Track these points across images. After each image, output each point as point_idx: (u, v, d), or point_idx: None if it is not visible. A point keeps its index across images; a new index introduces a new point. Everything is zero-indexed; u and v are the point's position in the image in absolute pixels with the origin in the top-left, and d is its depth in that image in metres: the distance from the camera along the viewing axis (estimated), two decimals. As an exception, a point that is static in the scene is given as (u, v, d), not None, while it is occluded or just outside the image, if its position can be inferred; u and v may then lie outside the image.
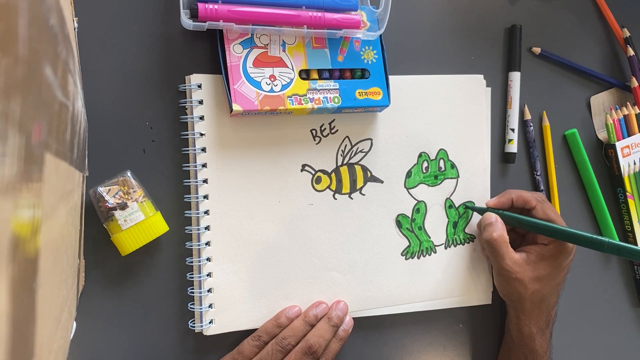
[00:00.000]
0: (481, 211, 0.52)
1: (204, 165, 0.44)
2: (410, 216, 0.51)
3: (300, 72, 0.44)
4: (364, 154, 0.49)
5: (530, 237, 0.51)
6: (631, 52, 0.59)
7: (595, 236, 0.46)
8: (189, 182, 0.44)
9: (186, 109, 0.44)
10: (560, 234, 0.47)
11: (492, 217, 0.50)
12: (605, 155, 0.60)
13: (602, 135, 0.60)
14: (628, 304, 0.61)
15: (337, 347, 0.45)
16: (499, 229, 0.49)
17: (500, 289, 0.51)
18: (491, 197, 0.54)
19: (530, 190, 0.55)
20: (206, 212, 0.44)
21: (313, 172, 0.47)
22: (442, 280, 0.52)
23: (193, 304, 0.44)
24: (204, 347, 0.44)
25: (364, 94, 0.46)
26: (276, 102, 0.43)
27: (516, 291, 0.48)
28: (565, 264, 0.49)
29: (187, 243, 0.44)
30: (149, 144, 0.43)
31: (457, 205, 0.53)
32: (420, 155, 0.51)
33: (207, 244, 0.44)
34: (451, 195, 0.53)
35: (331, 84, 0.45)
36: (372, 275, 0.49)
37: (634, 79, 0.59)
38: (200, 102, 0.43)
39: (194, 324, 0.44)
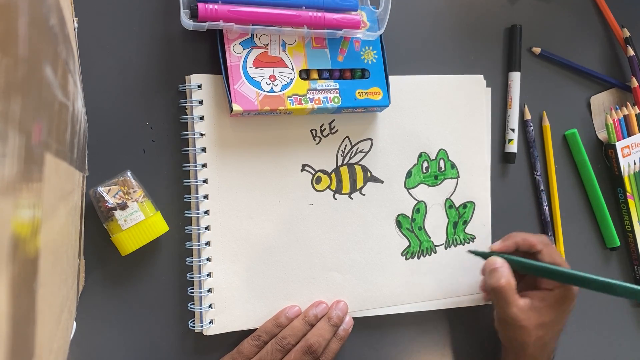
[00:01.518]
0: (485, 256, 0.49)
1: (204, 165, 0.44)
2: (410, 216, 0.51)
3: (300, 72, 0.44)
4: (364, 154, 0.49)
5: (530, 281, 0.49)
6: (631, 52, 0.59)
7: (608, 281, 0.44)
8: (189, 182, 0.44)
9: (186, 109, 0.44)
10: (574, 279, 0.45)
11: (498, 261, 0.47)
12: (605, 155, 0.60)
13: (602, 135, 0.60)
14: (628, 304, 0.61)
15: (337, 346, 0.45)
16: (506, 275, 0.46)
17: (502, 335, 0.49)
18: (491, 196, 0.54)
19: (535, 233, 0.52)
20: (206, 212, 0.44)
21: (313, 172, 0.47)
22: (442, 280, 0.52)
23: (193, 304, 0.44)
24: (204, 347, 0.44)
25: (364, 94, 0.46)
26: (276, 102, 0.43)
27: (520, 338, 0.46)
28: (569, 309, 0.47)
29: (187, 243, 0.44)
30: (149, 144, 0.43)
31: (457, 205, 0.53)
32: (420, 155, 0.51)
33: (207, 244, 0.44)
34: (451, 195, 0.53)
35: (331, 84, 0.45)
36: (372, 275, 0.49)
37: (634, 79, 0.59)
38: (200, 102, 0.43)
39: (194, 324, 0.44)
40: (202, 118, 0.43)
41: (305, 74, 0.45)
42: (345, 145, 0.48)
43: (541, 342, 0.47)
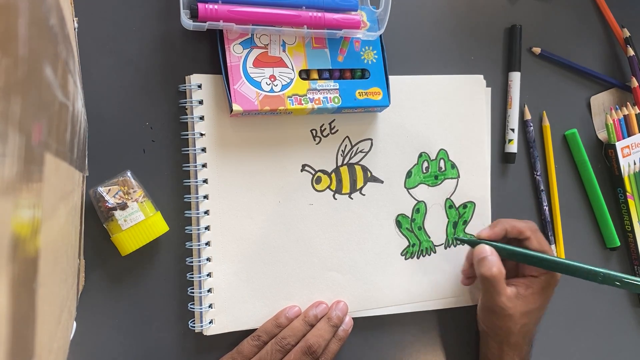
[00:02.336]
0: (473, 243, 0.48)
1: (204, 165, 0.44)
2: (410, 216, 0.51)
3: (300, 72, 0.44)
4: (364, 154, 0.49)
5: (511, 266, 0.49)
6: (631, 52, 0.59)
7: (592, 268, 0.45)
8: (189, 182, 0.44)
9: (186, 109, 0.44)
10: (560, 267, 0.45)
11: (487, 250, 0.46)
12: (605, 155, 0.60)
13: (602, 135, 0.60)
14: (628, 304, 0.61)
15: (337, 347, 0.45)
16: (496, 264, 0.45)
17: (486, 323, 0.48)
18: (491, 196, 0.54)
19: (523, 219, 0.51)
20: (206, 212, 0.44)
21: (313, 172, 0.47)
22: (442, 280, 0.52)
23: (193, 304, 0.44)
24: (204, 347, 0.44)
25: (364, 94, 0.46)
26: (276, 102, 0.43)
27: (505, 326, 0.46)
28: (551, 295, 0.48)
29: (187, 243, 0.44)
30: (149, 144, 0.43)
31: (457, 205, 0.53)
32: (420, 155, 0.51)
33: (207, 244, 0.44)
34: (451, 195, 0.53)
35: (331, 84, 0.45)
36: (372, 275, 0.49)
37: (634, 79, 0.59)
38: (200, 102, 0.43)
39: (194, 324, 0.44)
40: (202, 118, 0.43)
41: (305, 74, 0.45)
42: (345, 145, 0.48)
43: (525, 329, 0.47)
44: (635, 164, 0.59)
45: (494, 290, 0.45)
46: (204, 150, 0.44)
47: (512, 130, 0.55)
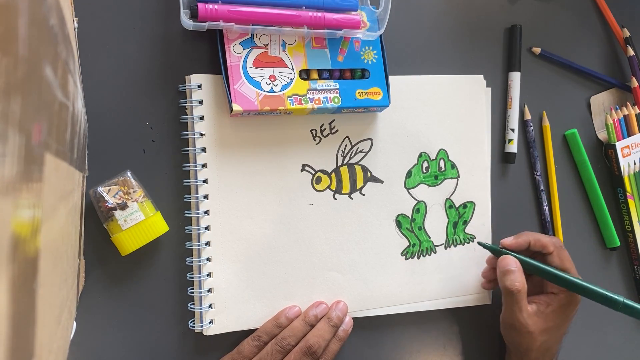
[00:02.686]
0: (496, 251, 0.49)
1: (204, 165, 0.44)
2: (410, 216, 0.51)
3: (300, 72, 0.44)
4: (364, 154, 0.49)
5: (537, 280, 0.49)
6: (631, 52, 0.59)
7: (611, 295, 0.45)
8: (189, 182, 0.44)
9: (186, 109, 0.44)
10: (578, 288, 0.46)
11: (512, 263, 0.47)
12: (605, 155, 0.60)
13: (602, 135, 0.60)
14: (628, 304, 0.61)
15: (337, 347, 0.45)
16: (520, 280, 0.46)
17: (507, 338, 0.49)
18: (491, 196, 0.54)
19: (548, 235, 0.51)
20: (206, 212, 0.44)
21: (313, 172, 0.47)
22: (442, 280, 0.52)
23: (193, 304, 0.44)
24: (204, 347, 0.44)
25: (364, 94, 0.46)
26: (276, 102, 0.43)
27: (525, 343, 0.47)
28: (572, 315, 0.48)
29: (187, 243, 0.44)
30: (149, 144, 0.43)
31: (457, 205, 0.53)
32: (420, 155, 0.51)
33: (207, 244, 0.44)
34: (451, 195, 0.53)
35: (331, 84, 0.45)
36: (372, 275, 0.49)
37: (634, 79, 0.59)
38: (200, 102, 0.43)
39: (194, 324, 0.44)
40: (202, 118, 0.43)
41: (305, 74, 0.45)
42: (345, 145, 0.48)
43: (545, 346, 0.47)
44: (635, 164, 0.59)
45: (516, 305, 0.46)
46: (204, 150, 0.44)
47: (512, 130, 0.55)
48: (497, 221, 0.55)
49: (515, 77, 0.55)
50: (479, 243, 0.51)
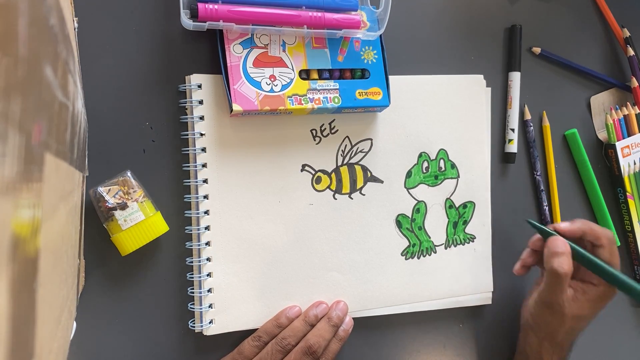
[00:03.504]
0: (545, 232, 0.49)
1: (204, 165, 0.44)
2: (410, 216, 0.51)
3: (300, 72, 0.44)
4: (364, 154, 0.49)
5: (578, 268, 0.48)
6: (631, 52, 0.59)
7: None
8: (189, 182, 0.44)
9: (186, 109, 0.44)
10: (625, 287, 0.45)
11: (563, 245, 0.46)
12: (605, 155, 0.60)
13: (602, 135, 0.60)
14: (628, 304, 0.61)
15: (337, 347, 0.45)
16: (568, 263, 0.45)
17: (536, 316, 0.49)
18: (491, 196, 0.54)
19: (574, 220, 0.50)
20: (206, 212, 0.44)
21: (313, 172, 0.47)
22: (442, 280, 0.52)
23: (193, 304, 0.44)
24: (204, 347, 0.44)
25: (364, 94, 0.46)
26: (276, 102, 0.43)
27: (555, 323, 0.47)
28: (602, 308, 0.48)
29: (187, 243, 0.44)
30: (149, 144, 0.43)
31: (457, 205, 0.53)
32: (420, 155, 0.51)
33: (207, 244, 0.44)
34: (451, 195, 0.53)
35: (331, 84, 0.45)
36: (372, 275, 0.49)
37: (634, 79, 0.59)
38: (200, 102, 0.43)
39: (194, 324, 0.44)
40: (202, 118, 0.43)
41: (305, 74, 0.45)
42: (345, 145, 0.48)
43: (571, 331, 0.48)
44: (635, 164, 0.59)
45: (559, 287, 0.46)
46: (204, 150, 0.44)
47: (512, 130, 0.55)
48: (497, 221, 0.55)
49: (515, 77, 0.55)
50: (528, 221, 0.51)
